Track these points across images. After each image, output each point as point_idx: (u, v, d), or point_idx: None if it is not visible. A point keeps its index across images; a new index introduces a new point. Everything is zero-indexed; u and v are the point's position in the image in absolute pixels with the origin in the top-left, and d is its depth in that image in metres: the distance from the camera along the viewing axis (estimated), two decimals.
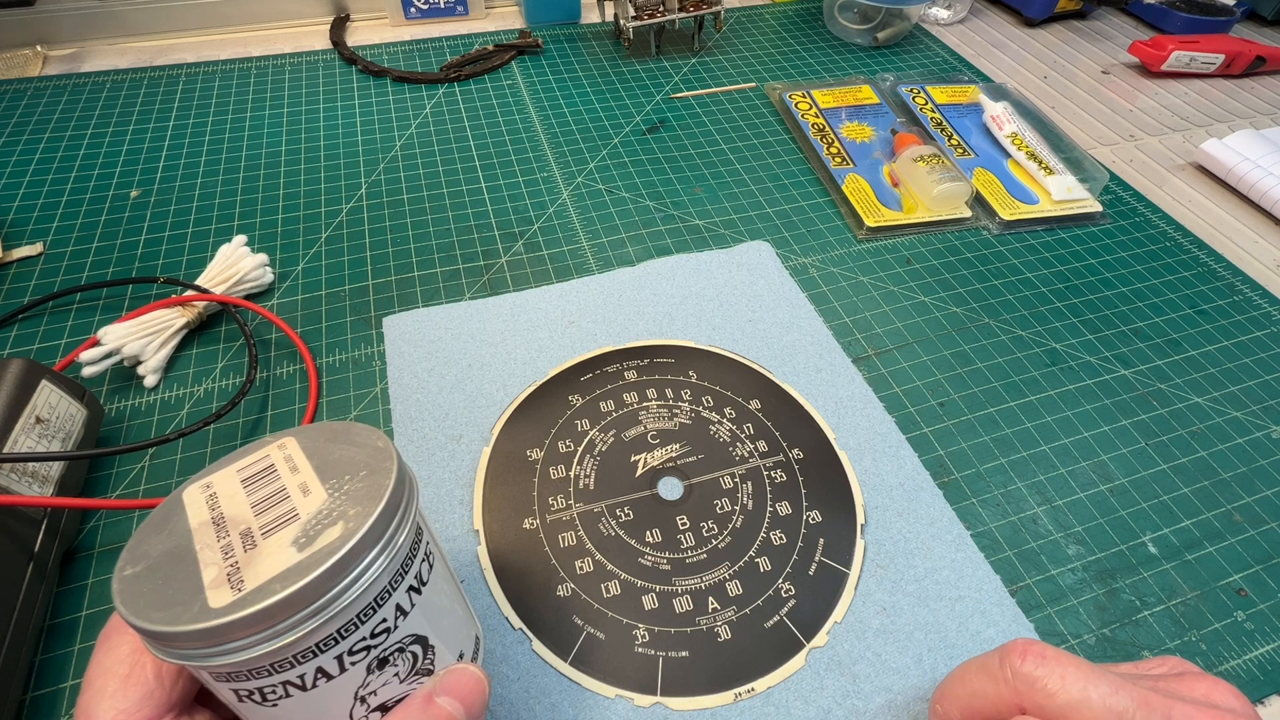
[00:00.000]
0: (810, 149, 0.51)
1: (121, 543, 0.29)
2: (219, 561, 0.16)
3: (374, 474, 0.18)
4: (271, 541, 0.16)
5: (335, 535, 0.16)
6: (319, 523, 0.17)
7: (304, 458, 0.19)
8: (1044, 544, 0.31)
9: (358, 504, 0.17)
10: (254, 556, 0.16)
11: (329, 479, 0.18)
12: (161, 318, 0.36)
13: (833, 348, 0.38)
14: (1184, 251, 0.45)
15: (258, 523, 0.17)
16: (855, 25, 0.64)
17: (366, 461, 0.18)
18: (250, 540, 0.17)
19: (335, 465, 0.18)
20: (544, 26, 0.66)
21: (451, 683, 0.19)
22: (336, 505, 0.17)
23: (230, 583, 0.16)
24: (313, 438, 0.19)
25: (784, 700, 0.26)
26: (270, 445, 0.19)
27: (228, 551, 0.16)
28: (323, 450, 0.19)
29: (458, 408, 0.34)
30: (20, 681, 0.25)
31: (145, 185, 0.47)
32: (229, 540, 0.17)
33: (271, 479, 0.18)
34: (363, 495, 0.17)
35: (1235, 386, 0.38)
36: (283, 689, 0.16)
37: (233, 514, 0.17)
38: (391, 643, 0.18)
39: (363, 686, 0.17)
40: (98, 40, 0.61)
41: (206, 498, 0.18)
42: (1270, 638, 0.29)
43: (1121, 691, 0.19)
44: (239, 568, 0.16)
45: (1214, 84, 0.63)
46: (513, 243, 0.43)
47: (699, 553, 0.30)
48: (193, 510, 0.18)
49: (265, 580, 0.15)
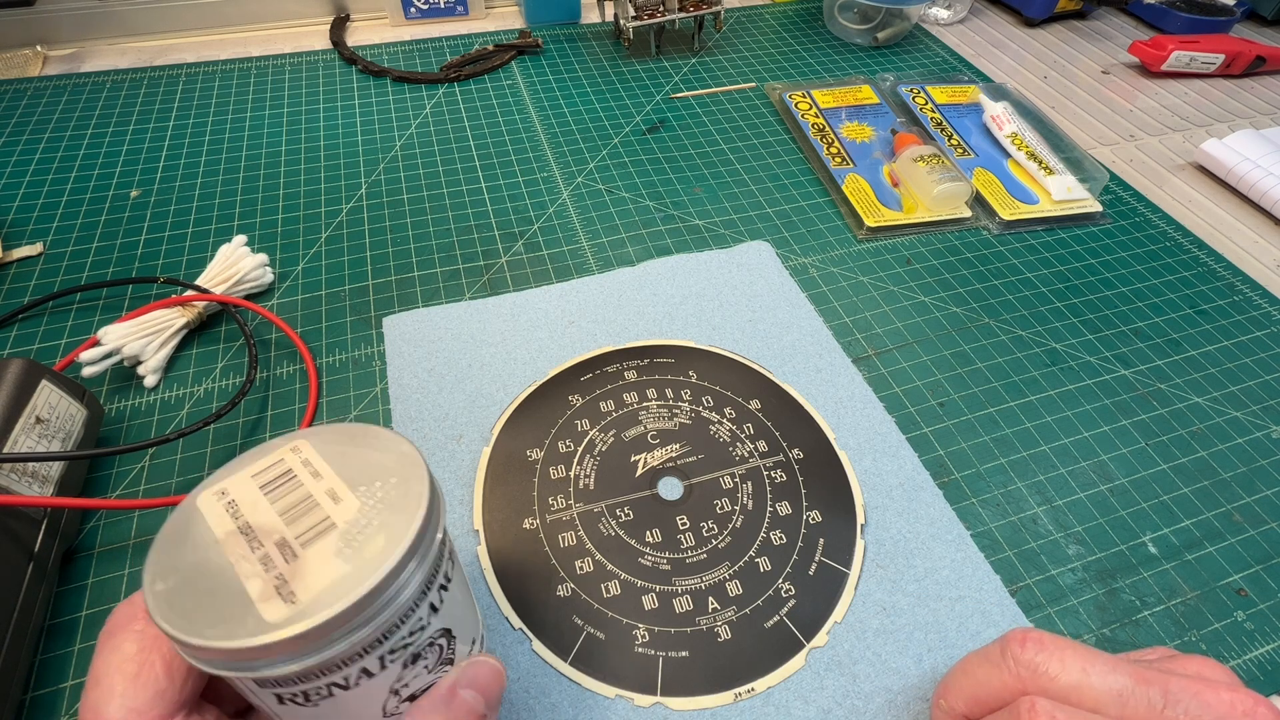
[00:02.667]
0: (810, 149, 0.51)
1: (122, 543, 0.30)
2: (260, 573, 0.16)
3: (405, 480, 0.18)
4: (313, 551, 0.16)
5: (381, 544, 0.16)
6: (359, 531, 0.17)
7: (323, 462, 0.18)
8: (1044, 544, 0.31)
9: (397, 512, 0.17)
10: (299, 568, 0.16)
11: (358, 485, 0.18)
12: (161, 318, 0.36)
13: (833, 348, 0.38)
14: (1184, 251, 0.45)
15: (291, 532, 0.17)
16: (855, 25, 0.64)
17: (394, 467, 0.18)
18: (289, 551, 0.17)
19: (361, 471, 0.18)
20: (544, 26, 0.66)
21: (472, 675, 0.19)
22: (374, 513, 0.17)
23: (281, 595, 0.16)
24: (328, 441, 0.19)
25: (784, 700, 0.26)
26: (282, 448, 0.19)
27: (267, 563, 0.16)
28: (342, 455, 0.19)
29: (458, 408, 0.34)
30: (20, 681, 0.25)
31: (145, 185, 0.47)
32: (264, 551, 0.17)
33: (292, 485, 0.18)
34: (400, 503, 0.17)
35: (1235, 386, 0.38)
36: (326, 689, 0.17)
37: (260, 522, 0.17)
38: (425, 638, 0.18)
39: (397, 680, 0.18)
40: (98, 40, 0.60)
41: (225, 505, 0.18)
42: (1270, 638, 0.29)
43: (1119, 670, 0.20)
44: (285, 580, 0.16)
45: (1214, 84, 0.63)
46: (513, 243, 0.43)
47: (699, 553, 0.30)
48: (213, 519, 0.17)
49: (319, 592, 0.16)
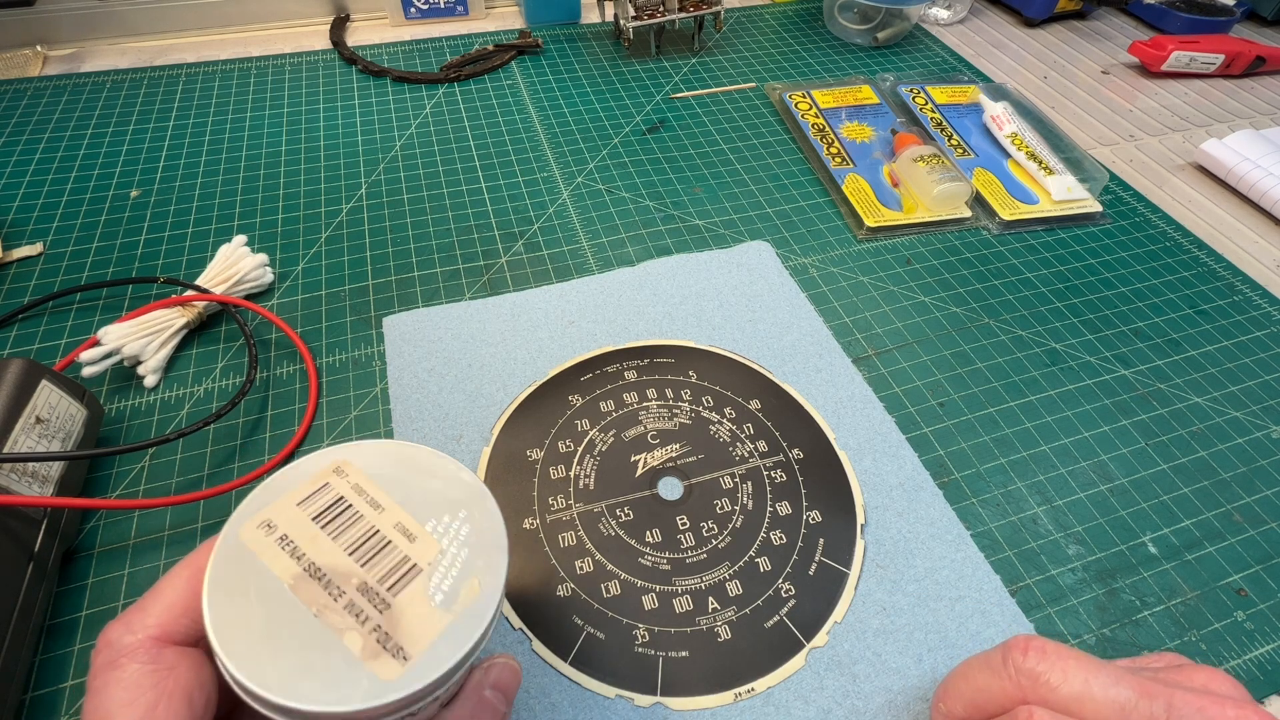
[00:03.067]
0: (810, 149, 0.51)
1: (122, 543, 0.29)
2: (355, 626, 0.15)
3: (476, 514, 0.17)
4: (405, 598, 0.16)
5: (476, 591, 0.16)
6: (446, 575, 0.16)
7: (379, 489, 0.17)
8: (1044, 544, 0.31)
9: (481, 553, 0.17)
10: (396, 619, 0.15)
11: (426, 519, 0.17)
12: (161, 318, 0.36)
13: (833, 348, 0.38)
14: (1184, 251, 0.45)
15: (372, 575, 0.16)
16: (855, 25, 0.64)
17: (461, 498, 0.18)
18: (377, 598, 0.16)
19: (425, 501, 0.17)
20: (544, 26, 0.66)
21: (495, 677, 0.20)
22: (457, 553, 0.17)
23: (388, 650, 0.15)
24: (376, 463, 0.18)
25: (784, 700, 0.26)
26: (323, 469, 0.18)
27: (357, 613, 0.15)
28: (397, 481, 0.18)
29: (458, 408, 0.34)
30: (20, 681, 0.25)
31: (145, 185, 0.47)
32: (349, 599, 0.16)
33: (351, 516, 0.17)
34: (480, 541, 0.17)
35: (1235, 386, 0.38)
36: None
37: (330, 564, 0.16)
38: None
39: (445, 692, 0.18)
40: (98, 40, 0.60)
41: (277, 540, 0.16)
42: (1270, 638, 0.29)
43: (1122, 682, 0.20)
44: (388, 634, 0.15)
45: (1214, 84, 0.63)
46: (513, 243, 0.43)
47: (699, 553, 0.30)
48: (271, 559, 0.16)
49: (429, 645, 0.15)
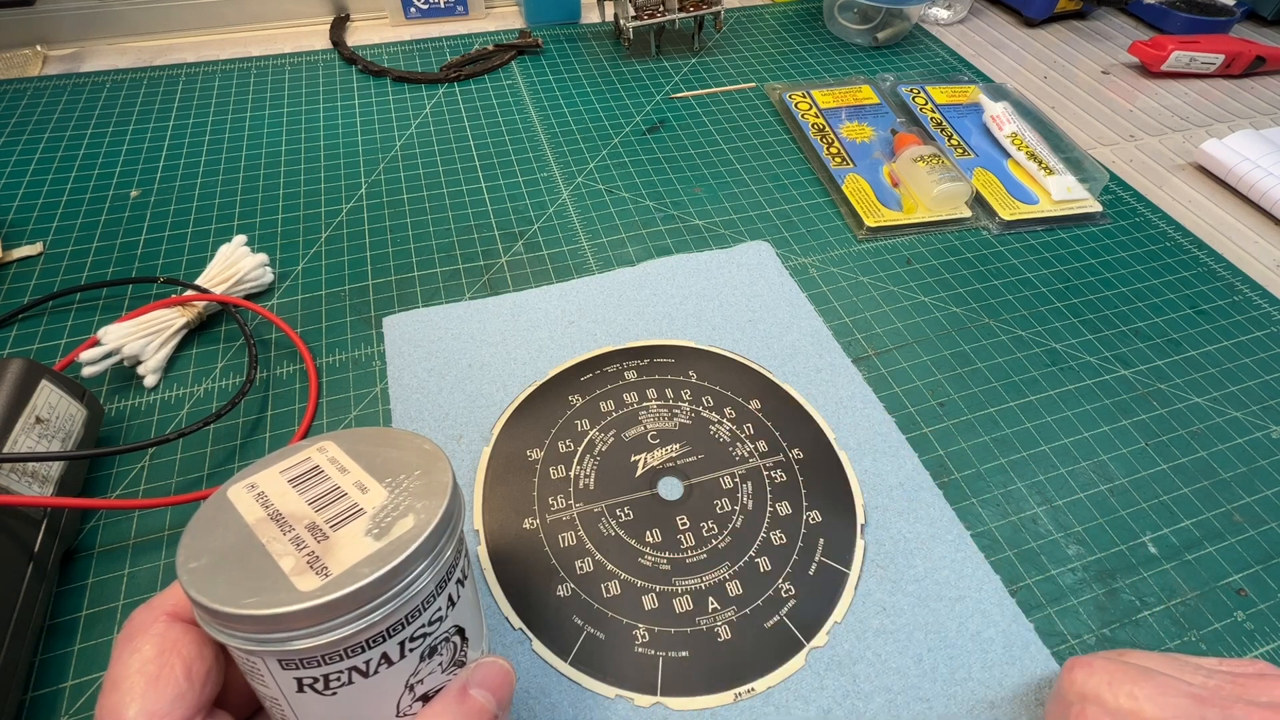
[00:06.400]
0: (810, 149, 0.51)
1: (122, 543, 0.29)
2: (293, 552, 0.17)
3: (429, 472, 0.19)
4: (344, 533, 0.17)
5: (410, 525, 0.17)
6: (387, 515, 0.18)
7: (349, 459, 0.19)
8: (1044, 544, 0.31)
9: (423, 498, 0.18)
10: (330, 546, 0.17)
11: (384, 478, 0.19)
12: (161, 318, 0.36)
13: (833, 348, 0.38)
14: (1184, 251, 0.45)
15: (321, 517, 0.18)
16: (855, 25, 0.64)
17: (417, 462, 0.19)
18: (320, 532, 0.17)
19: (385, 466, 0.19)
20: (544, 26, 0.66)
21: (483, 675, 0.19)
22: (401, 500, 0.18)
23: (314, 569, 0.16)
24: (352, 442, 0.20)
25: (784, 700, 0.26)
26: (309, 449, 0.20)
27: (299, 543, 0.17)
28: (367, 453, 0.20)
29: (458, 408, 0.34)
30: (20, 681, 0.25)
31: (145, 185, 0.47)
32: (295, 533, 0.17)
33: (320, 479, 0.19)
34: (425, 491, 0.18)
35: (1235, 386, 0.38)
36: (348, 675, 0.17)
37: (290, 510, 0.18)
38: (441, 632, 0.19)
39: (413, 674, 0.18)
40: (98, 40, 0.60)
41: (255, 496, 0.18)
42: (1270, 638, 0.29)
43: (1169, 692, 0.19)
44: (318, 556, 0.16)
45: (1214, 84, 0.63)
46: (513, 243, 0.43)
47: (699, 553, 0.30)
48: (244, 508, 0.18)
49: (351, 565, 0.16)
